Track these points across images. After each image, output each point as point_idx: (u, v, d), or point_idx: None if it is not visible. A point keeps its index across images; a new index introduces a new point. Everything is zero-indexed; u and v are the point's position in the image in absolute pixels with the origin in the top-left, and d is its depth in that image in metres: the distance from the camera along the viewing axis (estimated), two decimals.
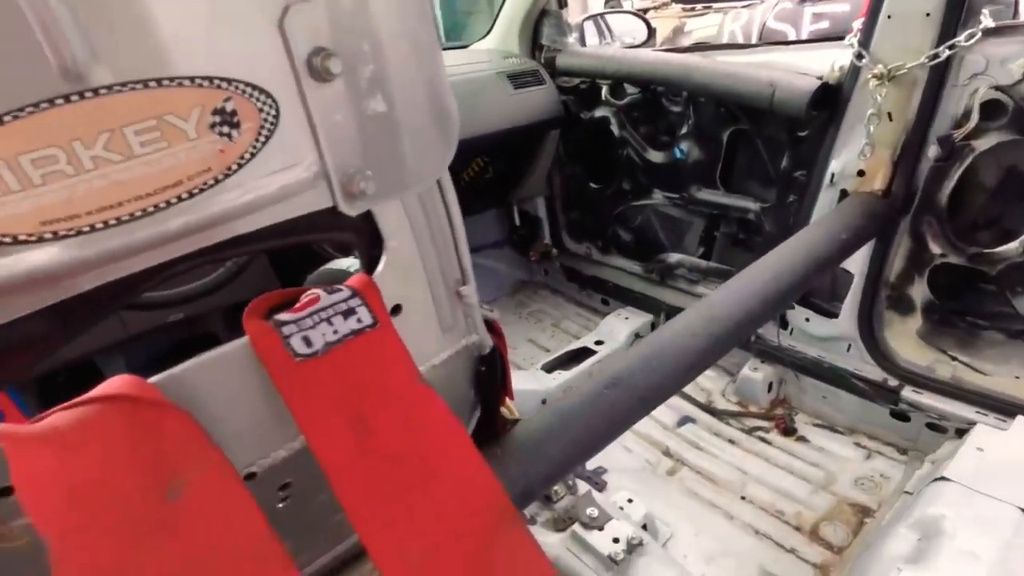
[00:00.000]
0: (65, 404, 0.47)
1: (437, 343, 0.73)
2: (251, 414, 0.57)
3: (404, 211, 0.61)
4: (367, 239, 0.60)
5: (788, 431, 1.98)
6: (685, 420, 2.08)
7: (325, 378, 0.53)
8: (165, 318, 1.75)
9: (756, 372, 2.07)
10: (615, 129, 2.26)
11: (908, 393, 1.74)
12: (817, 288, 1.90)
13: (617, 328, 2.39)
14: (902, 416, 1.80)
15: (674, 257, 2.30)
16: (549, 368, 2.24)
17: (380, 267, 0.62)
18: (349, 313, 0.56)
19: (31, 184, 0.40)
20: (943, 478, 1.34)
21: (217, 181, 0.47)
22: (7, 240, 0.40)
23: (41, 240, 0.41)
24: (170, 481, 0.47)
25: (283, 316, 0.54)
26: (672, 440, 2.02)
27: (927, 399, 1.71)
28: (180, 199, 0.45)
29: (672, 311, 2.19)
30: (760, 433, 2.00)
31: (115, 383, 0.48)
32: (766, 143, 1.92)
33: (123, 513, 0.46)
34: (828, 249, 1.51)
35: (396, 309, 0.65)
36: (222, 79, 0.45)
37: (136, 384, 0.49)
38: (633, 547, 1.39)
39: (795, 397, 2.08)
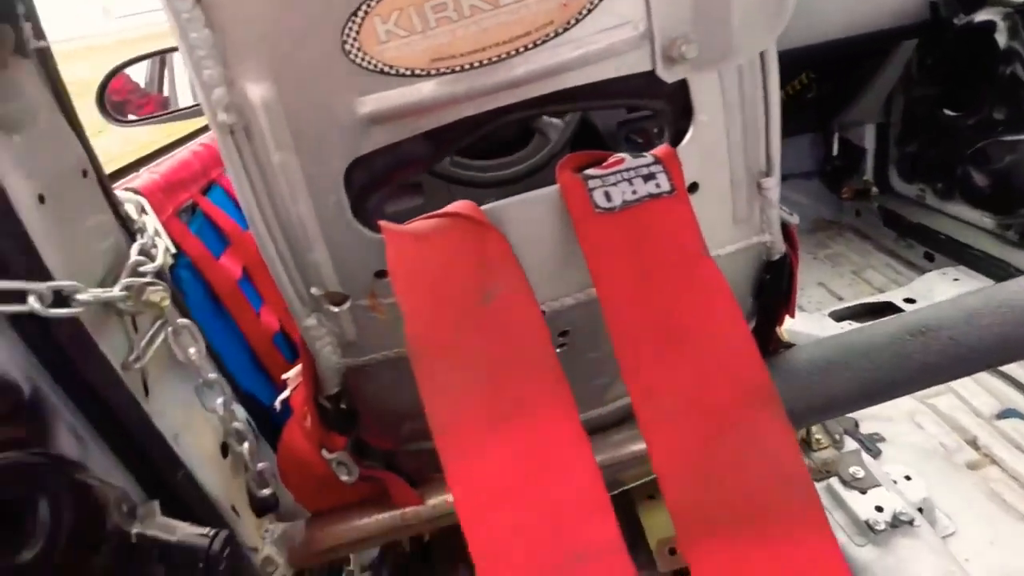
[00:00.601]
0: (424, 215, 0.61)
1: (727, 233, 0.72)
2: (550, 256, 0.65)
3: (719, 86, 0.60)
4: (678, 109, 0.61)
5: None
6: (1010, 412, 1.69)
7: (619, 232, 0.58)
8: (482, 200, 2.04)
9: None
10: (1002, 37, 1.77)
11: None
12: None
13: (939, 288, 2.00)
14: None
15: None
16: (839, 317, 2.01)
17: (685, 141, 0.63)
18: (649, 178, 0.59)
19: (428, 27, 0.50)
20: None
21: (556, 35, 0.53)
22: (407, 73, 0.52)
23: (429, 75, 0.52)
24: (486, 288, 0.59)
25: (591, 171, 0.60)
26: (985, 431, 1.67)
27: None
28: (526, 48, 0.53)
29: None
30: None
31: (458, 205, 0.61)
32: None
33: (452, 303, 0.58)
34: None
35: (693, 187, 0.65)
36: None
37: (472, 207, 0.60)
38: (899, 523, 1.23)
39: None
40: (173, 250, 0.89)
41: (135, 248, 0.77)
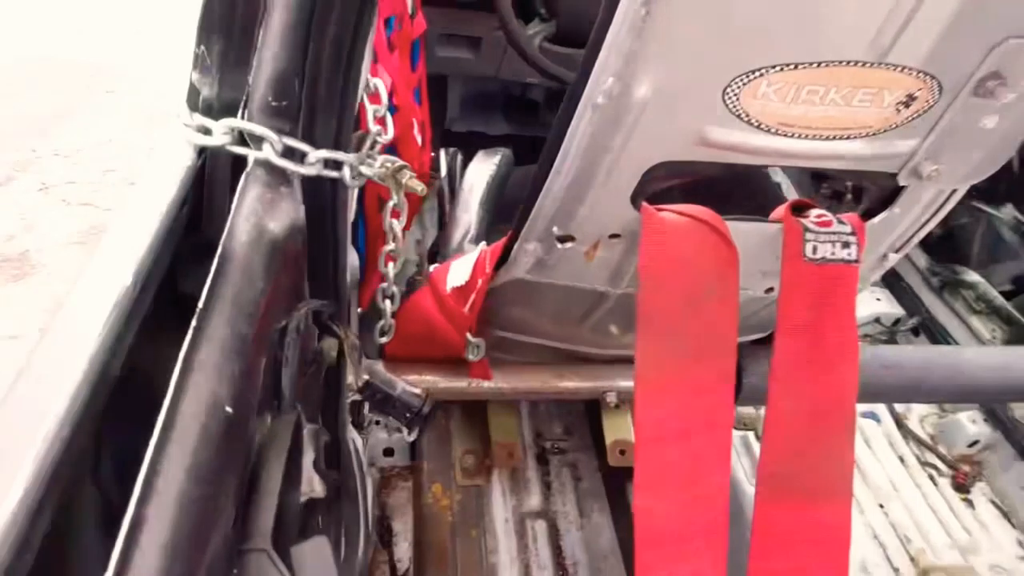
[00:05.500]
0: (675, 208, 0.75)
1: None
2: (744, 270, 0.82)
3: (926, 195, 0.78)
4: (887, 197, 0.78)
5: (961, 488, 2.03)
6: (872, 415, 2.19)
7: (811, 281, 0.76)
8: None
9: (972, 424, 2.08)
10: None
11: None
12: None
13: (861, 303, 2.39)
14: None
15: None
16: None
17: (874, 221, 0.80)
18: (845, 245, 0.77)
19: (795, 100, 0.62)
20: None
21: (864, 136, 0.67)
22: (756, 124, 0.64)
23: (768, 132, 0.64)
24: (711, 286, 0.76)
25: (810, 225, 0.77)
26: None
27: None
28: (841, 138, 0.66)
29: None
30: (931, 471, 2.08)
31: (704, 212, 0.75)
32: None
33: (683, 290, 0.75)
34: None
35: None
36: (927, 74, 0.62)
37: (716, 217, 0.75)
38: None
39: (990, 467, 2.08)
40: None
41: None
